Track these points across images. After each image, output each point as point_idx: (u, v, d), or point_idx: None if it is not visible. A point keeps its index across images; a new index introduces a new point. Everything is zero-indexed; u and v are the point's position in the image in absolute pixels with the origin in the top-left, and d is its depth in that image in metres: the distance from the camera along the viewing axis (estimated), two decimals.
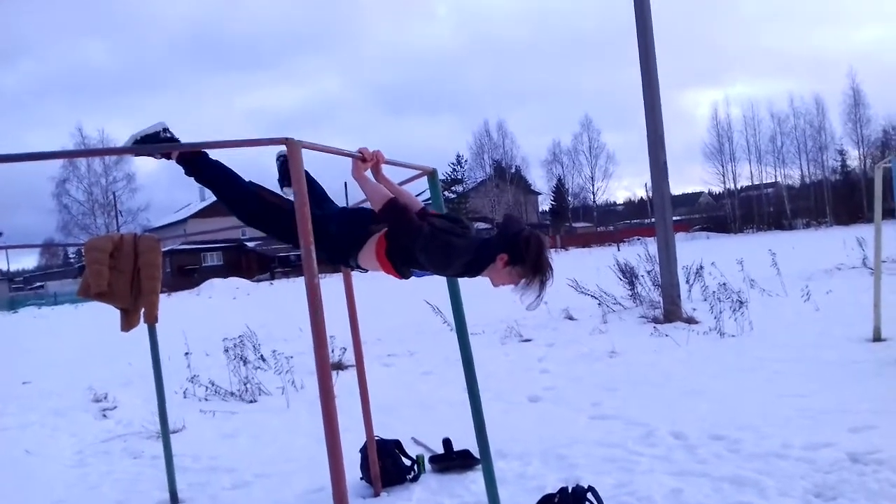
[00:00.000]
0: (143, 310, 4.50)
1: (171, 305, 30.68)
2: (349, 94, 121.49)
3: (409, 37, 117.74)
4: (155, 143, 3.05)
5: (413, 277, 2.98)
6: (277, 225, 3.01)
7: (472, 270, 2.77)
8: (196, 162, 3.11)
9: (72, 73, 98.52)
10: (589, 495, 3.19)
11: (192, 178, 3.14)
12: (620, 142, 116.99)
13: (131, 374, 9.72)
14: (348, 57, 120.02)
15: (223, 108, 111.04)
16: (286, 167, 3.67)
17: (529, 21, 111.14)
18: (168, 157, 3.11)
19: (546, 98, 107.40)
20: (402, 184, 3.18)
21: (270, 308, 20.58)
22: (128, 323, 4.49)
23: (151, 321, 4.53)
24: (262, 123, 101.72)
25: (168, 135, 3.07)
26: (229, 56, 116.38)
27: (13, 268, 72.71)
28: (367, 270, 3.07)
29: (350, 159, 2.87)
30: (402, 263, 2.87)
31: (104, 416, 7.64)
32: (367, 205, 3.01)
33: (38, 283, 61.39)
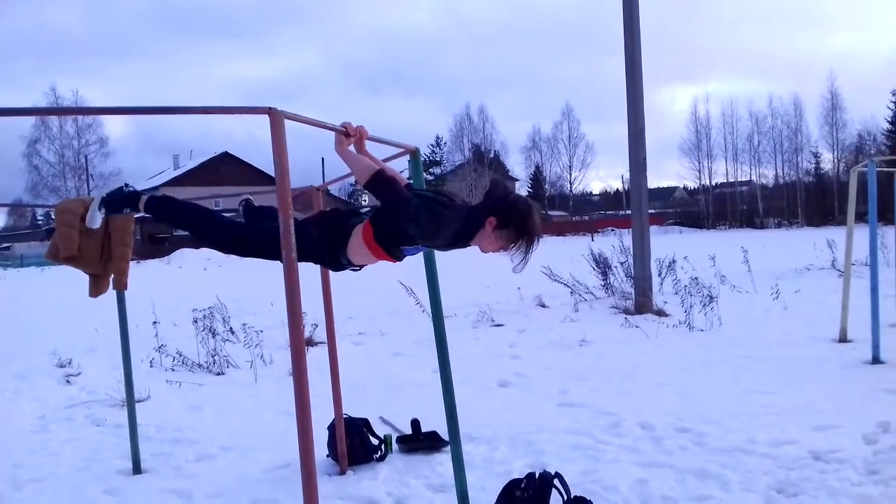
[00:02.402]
0: (112, 276, 4.42)
1: (141, 273, 30.25)
2: (326, 69, 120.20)
3: (389, 15, 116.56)
4: (119, 197, 3.25)
5: (406, 257, 2.95)
6: (260, 246, 3.01)
7: (463, 238, 2.74)
8: (166, 206, 3.13)
9: (41, 33, 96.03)
10: (556, 482, 3.20)
11: (165, 223, 3.19)
12: (599, 133, 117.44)
13: (97, 341, 9.57)
14: (326, 31, 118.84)
15: (200, 78, 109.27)
16: (249, 211, 3.68)
17: (511, 6, 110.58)
18: (136, 209, 3.18)
19: (527, 84, 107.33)
20: (384, 161, 3.13)
21: (241, 281, 20.37)
22: (96, 289, 4.40)
23: (121, 287, 4.45)
24: (238, 94, 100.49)
25: (130, 188, 3.28)
26: (204, 23, 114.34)
27: None
28: (360, 268, 3.03)
29: (333, 134, 2.82)
30: (392, 244, 2.84)
31: (68, 382, 7.53)
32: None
33: (5, 245, 60.28)
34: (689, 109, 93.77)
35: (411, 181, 3.19)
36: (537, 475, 3.23)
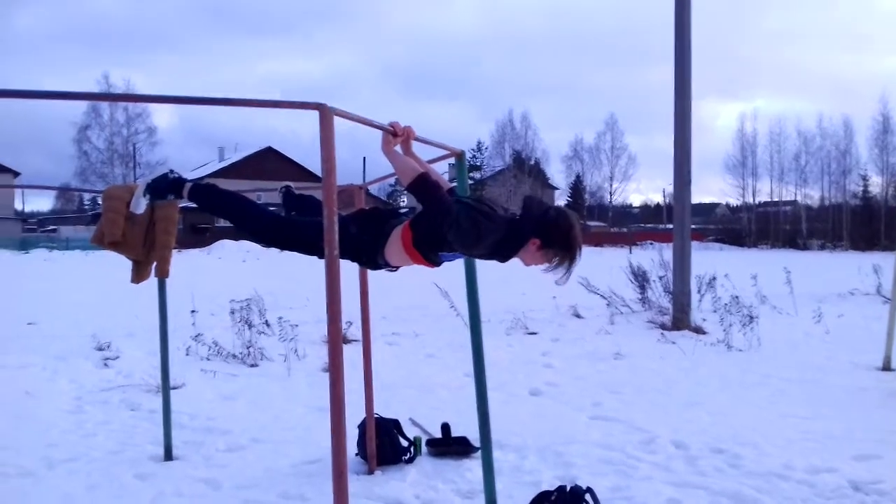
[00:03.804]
0: (154, 263, 4.47)
1: (180, 262, 30.71)
2: (365, 69, 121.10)
3: (431, 18, 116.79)
4: (164, 184, 3.32)
5: (444, 263, 2.94)
6: (301, 240, 3.01)
7: (503, 253, 2.72)
8: (209, 194, 3.14)
9: (90, 22, 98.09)
10: (587, 497, 3.14)
11: (207, 212, 3.21)
12: (640, 144, 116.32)
13: (136, 327, 9.73)
14: (367, 32, 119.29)
15: (241, 74, 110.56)
16: (289, 199, 3.76)
17: (555, 12, 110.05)
18: (179, 195, 3.19)
19: (570, 92, 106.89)
20: (429, 163, 3.11)
21: (279, 275, 20.59)
22: (138, 275, 4.46)
23: (163, 275, 4.50)
24: (277, 91, 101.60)
25: (175, 175, 3.32)
26: (247, 20, 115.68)
27: (27, 209, 73.15)
28: (396, 269, 3.03)
29: (378, 133, 2.81)
30: (430, 250, 2.83)
31: (105, 365, 7.65)
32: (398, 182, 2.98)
33: (52, 227, 61.67)
34: (734, 126, 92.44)
35: (455, 185, 3.17)
36: (568, 488, 3.18)
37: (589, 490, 3.19)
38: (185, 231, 51.91)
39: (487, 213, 2.71)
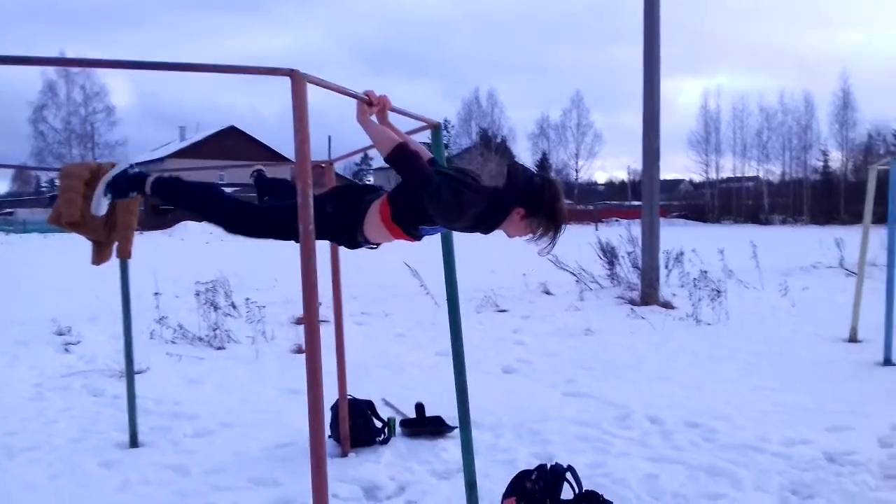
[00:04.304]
0: (116, 244, 4.30)
1: (142, 244, 30.15)
2: (331, 46, 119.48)
3: None
4: (125, 180, 3.08)
5: (425, 237, 2.83)
6: (275, 226, 2.86)
7: (487, 224, 2.61)
8: (173, 188, 2.98)
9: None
10: (568, 475, 3.09)
11: (173, 206, 3.05)
12: (605, 122, 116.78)
13: (98, 310, 9.49)
14: (333, 9, 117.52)
15: (206, 50, 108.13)
16: (261, 182, 3.64)
17: None
18: (143, 192, 3.02)
19: (536, 70, 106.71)
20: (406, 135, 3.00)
21: (244, 256, 20.27)
22: (99, 256, 4.29)
23: (125, 256, 4.33)
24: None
25: (135, 170, 3.11)
26: None
27: None
28: (376, 246, 2.91)
29: (352, 104, 2.69)
30: (410, 223, 2.71)
31: (66, 350, 7.43)
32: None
33: (7, 210, 60.15)
34: (697, 102, 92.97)
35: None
36: (549, 467, 3.13)
37: (570, 468, 3.14)
38: (146, 212, 50.96)
39: (469, 184, 2.60)
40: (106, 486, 3.90)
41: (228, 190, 3.24)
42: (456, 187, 2.53)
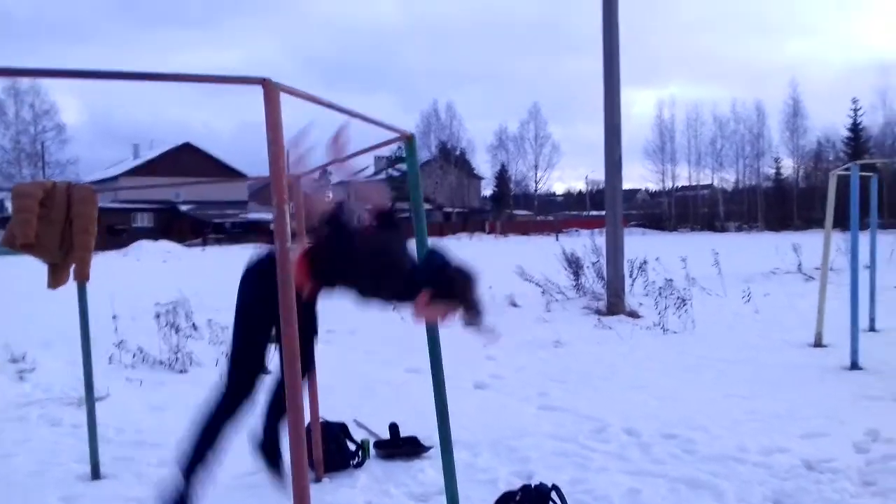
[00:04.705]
0: (72, 266, 4.12)
1: (97, 265, 29.40)
2: (284, 61, 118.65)
3: (351, 7, 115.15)
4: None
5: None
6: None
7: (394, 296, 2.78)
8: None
9: None
10: (553, 494, 3.01)
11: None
12: (562, 133, 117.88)
13: (53, 335, 9.16)
14: (284, 23, 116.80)
15: (156, 66, 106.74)
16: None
17: (476, 3, 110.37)
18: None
19: (494, 82, 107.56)
20: (375, 147, 2.93)
21: (202, 274, 19.90)
22: (55, 279, 4.09)
23: (82, 278, 4.15)
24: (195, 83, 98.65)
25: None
26: (160, 11, 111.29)
27: None
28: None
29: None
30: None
31: (21, 378, 7.13)
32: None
33: None
34: (651, 113, 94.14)
35: (397, 172, 3.03)
36: (533, 487, 3.04)
37: (554, 487, 3.06)
38: (101, 232, 50.00)
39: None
40: None
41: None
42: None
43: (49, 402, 6.16)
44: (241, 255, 4.08)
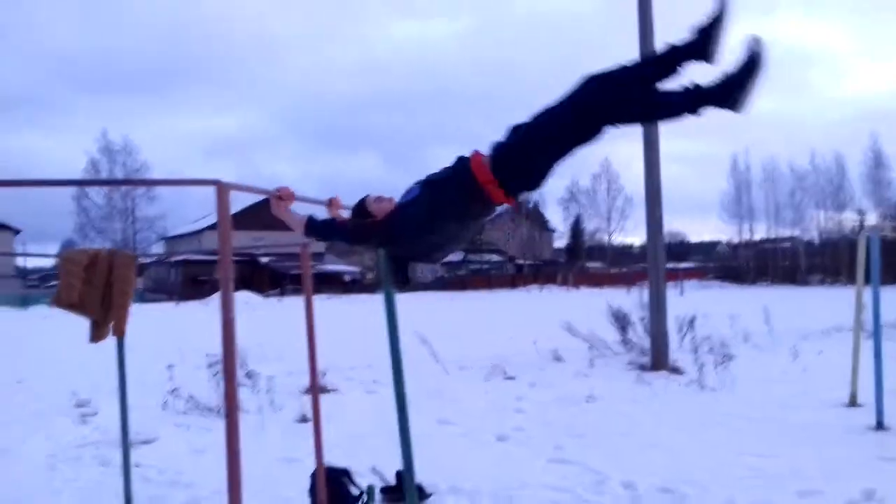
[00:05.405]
0: (112, 322, 4.66)
1: (178, 315, 30.91)
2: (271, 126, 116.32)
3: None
4: None
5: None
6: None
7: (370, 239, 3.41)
8: None
9: None
10: None
11: None
12: (638, 184, 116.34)
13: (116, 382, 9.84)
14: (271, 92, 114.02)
15: (158, 130, 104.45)
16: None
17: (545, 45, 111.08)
18: None
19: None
20: None
21: (272, 324, 20.69)
22: (97, 334, 4.64)
23: (119, 334, 4.68)
24: (201, 145, 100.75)
25: None
26: (128, 79, 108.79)
27: (30, 265, 73.53)
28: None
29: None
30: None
31: (83, 421, 7.78)
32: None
33: (54, 283, 61.94)
34: (728, 164, 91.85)
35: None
36: None
37: None
38: (183, 283, 52.26)
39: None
40: None
41: None
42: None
43: (104, 444, 6.74)
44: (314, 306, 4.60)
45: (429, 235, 3.12)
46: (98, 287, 4.42)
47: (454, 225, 3.13)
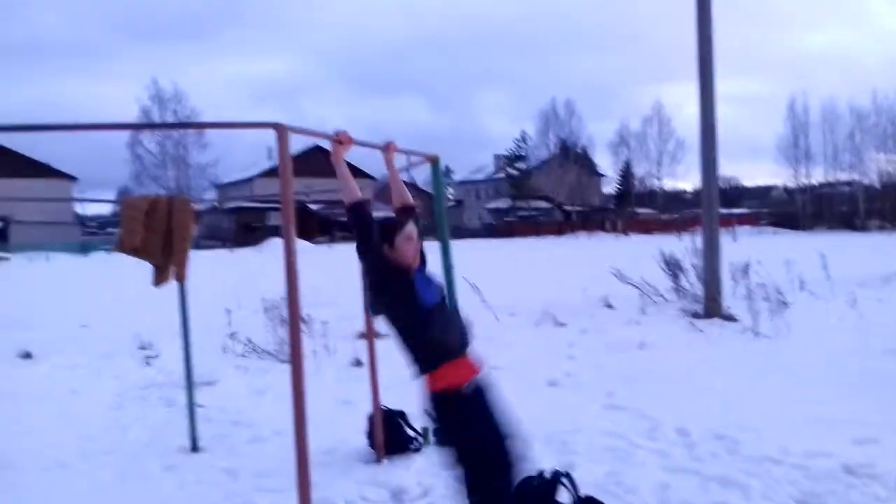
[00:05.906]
0: (173, 267, 4.78)
1: (232, 261, 31.55)
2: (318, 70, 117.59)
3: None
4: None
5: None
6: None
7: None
8: None
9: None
10: (564, 480, 3.32)
11: None
12: (690, 127, 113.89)
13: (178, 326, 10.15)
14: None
15: (204, 75, 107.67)
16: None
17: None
18: None
19: (614, 80, 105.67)
20: (406, 168, 3.35)
21: (323, 270, 21.00)
22: (159, 278, 4.77)
23: (181, 279, 4.81)
24: (248, 91, 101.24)
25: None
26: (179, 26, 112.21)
27: (89, 212, 75.69)
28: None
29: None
30: None
31: (147, 363, 8.07)
32: None
33: (111, 229, 63.65)
34: (786, 105, 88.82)
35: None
36: (544, 473, 3.37)
37: (567, 475, 3.37)
38: (236, 230, 53.19)
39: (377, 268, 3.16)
40: (165, 486, 4.36)
41: None
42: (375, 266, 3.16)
43: (168, 385, 6.99)
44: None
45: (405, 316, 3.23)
46: (159, 232, 4.53)
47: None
